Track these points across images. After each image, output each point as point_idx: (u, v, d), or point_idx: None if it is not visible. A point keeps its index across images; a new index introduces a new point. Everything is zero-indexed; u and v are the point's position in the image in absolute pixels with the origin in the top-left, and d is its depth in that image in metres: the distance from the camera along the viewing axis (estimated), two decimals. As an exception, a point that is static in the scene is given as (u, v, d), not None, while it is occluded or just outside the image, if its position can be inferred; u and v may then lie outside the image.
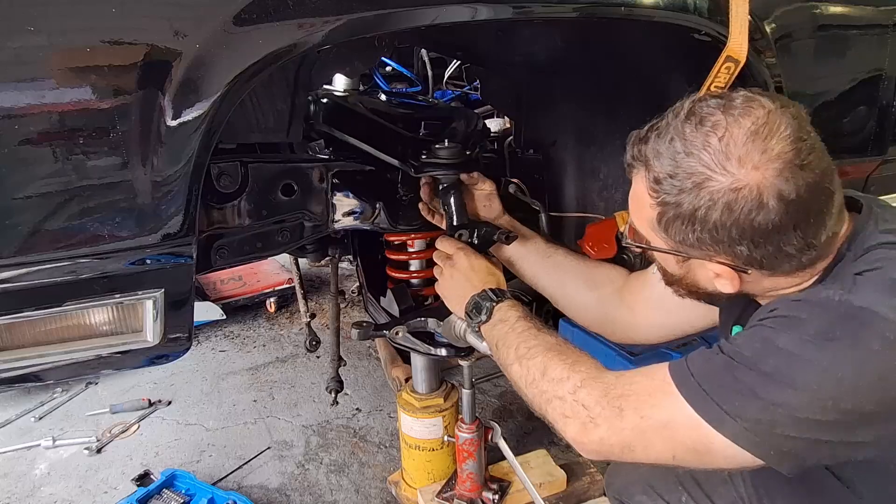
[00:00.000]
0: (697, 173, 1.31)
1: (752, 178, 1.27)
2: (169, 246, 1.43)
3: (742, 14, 1.83)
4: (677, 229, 1.37)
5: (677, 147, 1.34)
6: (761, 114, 1.31)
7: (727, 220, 1.30)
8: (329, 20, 1.39)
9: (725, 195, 1.29)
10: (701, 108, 1.35)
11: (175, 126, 1.35)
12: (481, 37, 2.25)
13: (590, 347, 3.65)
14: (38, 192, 1.31)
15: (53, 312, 1.40)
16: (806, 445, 1.27)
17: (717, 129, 1.31)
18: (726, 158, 1.29)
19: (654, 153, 1.37)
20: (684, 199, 1.33)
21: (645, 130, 1.43)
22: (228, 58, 1.35)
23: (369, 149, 2.11)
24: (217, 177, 1.79)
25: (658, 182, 1.36)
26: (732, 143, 1.29)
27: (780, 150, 1.27)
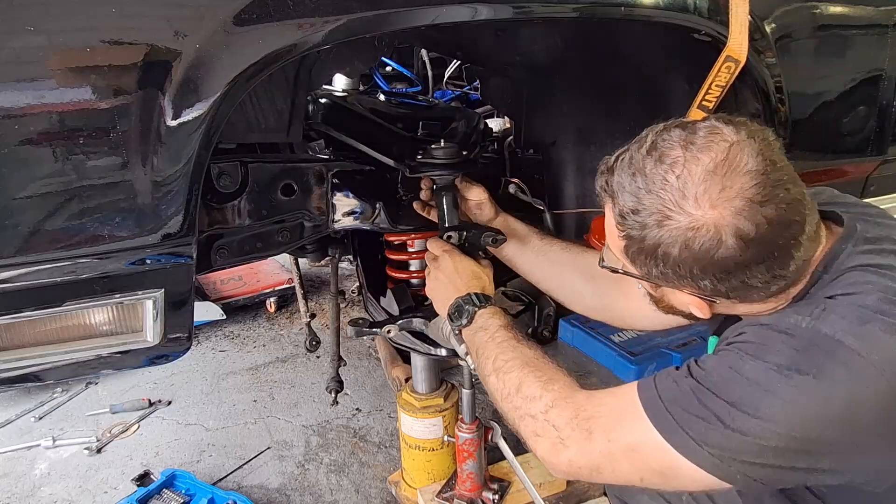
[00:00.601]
0: (657, 211, 1.31)
1: (709, 218, 1.27)
2: (169, 246, 1.43)
3: (742, 14, 1.83)
4: (642, 262, 1.38)
5: (639, 183, 1.33)
6: (722, 148, 1.28)
7: (687, 257, 1.30)
8: (329, 20, 1.39)
9: (683, 234, 1.29)
10: (663, 141, 1.34)
11: (175, 126, 1.35)
12: (481, 37, 2.25)
13: (590, 347, 3.67)
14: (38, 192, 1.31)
15: (53, 312, 1.40)
16: (772, 472, 1.28)
17: (675, 167, 1.30)
18: (683, 197, 1.28)
19: (619, 187, 1.37)
20: (647, 234, 1.33)
21: (612, 160, 1.43)
22: (228, 58, 1.35)
23: (366, 149, 2.12)
24: (217, 177, 1.79)
25: (623, 217, 1.37)
26: (690, 182, 1.28)
27: (739, 187, 1.25)
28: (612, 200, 1.40)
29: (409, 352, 2.39)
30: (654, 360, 3.45)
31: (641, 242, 1.34)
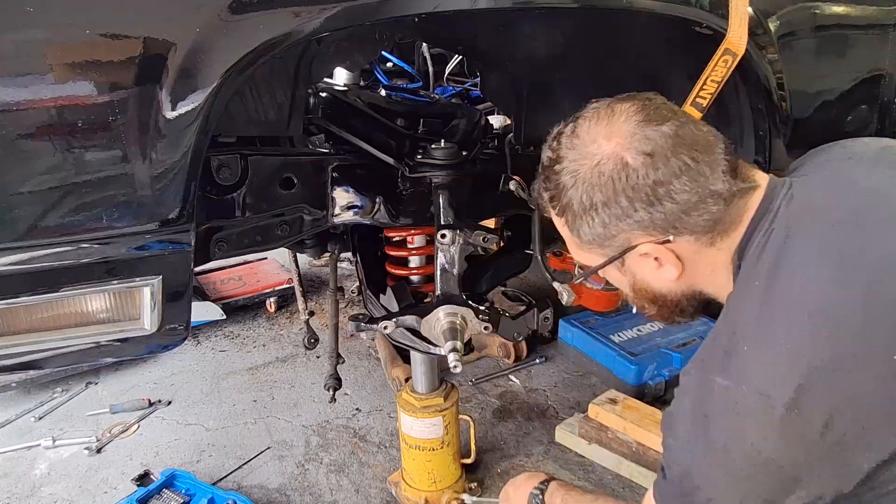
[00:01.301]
0: (571, 171, 1.41)
1: (606, 149, 1.37)
2: (167, 233, 1.43)
3: (742, 7, 1.83)
4: (584, 228, 1.45)
5: (551, 161, 1.47)
6: (602, 105, 1.45)
7: (609, 193, 1.37)
8: (325, 7, 1.39)
9: (593, 174, 1.38)
10: (562, 127, 1.50)
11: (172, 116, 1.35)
12: (482, 31, 2.25)
13: (590, 347, 3.67)
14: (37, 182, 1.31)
15: (50, 298, 1.40)
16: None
17: (570, 131, 1.45)
18: (583, 146, 1.40)
19: (544, 179, 1.51)
20: (570, 195, 1.42)
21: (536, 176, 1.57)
22: (224, 47, 1.35)
23: (365, 146, 2.12)
24: (217, 169, 1.79)
25: (553, 199, 1.48)
26: (583, 132, 1.42)
27: (624, 118, 1.38)
28: (545, 195, 1.51)
29: (408, 351, 2.39)
30: (654, 360, 3.45)
31: (571, 207, 1.43)
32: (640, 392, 3.34)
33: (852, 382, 1.22)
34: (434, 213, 2.13)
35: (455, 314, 2.11)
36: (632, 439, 2.89)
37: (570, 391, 3.56)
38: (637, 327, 3.76)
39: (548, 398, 3.51)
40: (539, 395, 3.54)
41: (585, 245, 1.49)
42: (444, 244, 2.09)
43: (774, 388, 1.24)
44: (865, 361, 1.22)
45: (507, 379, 3.69)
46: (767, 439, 1.27)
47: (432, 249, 2.14)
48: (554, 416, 3.34)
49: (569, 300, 2.17)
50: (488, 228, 2.06)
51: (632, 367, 3.38)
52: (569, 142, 1.43)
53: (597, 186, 1.37)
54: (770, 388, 1.25)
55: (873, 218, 1.35)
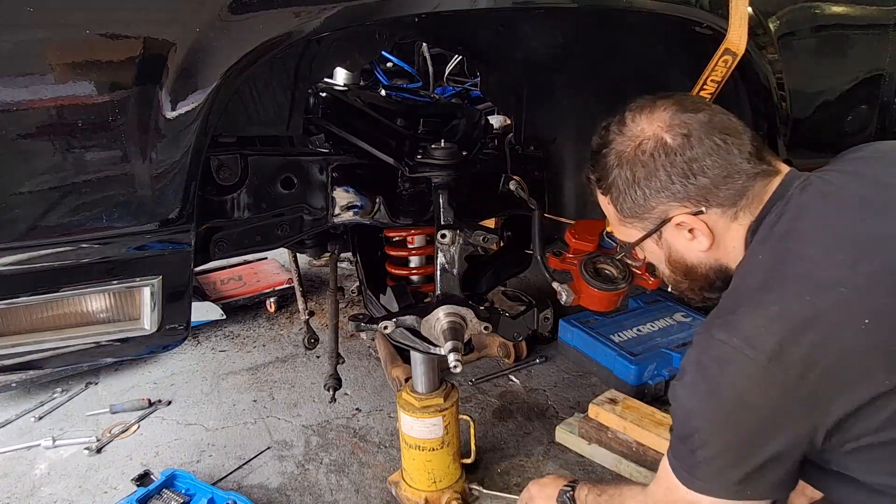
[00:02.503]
0: (615, 153, 1.67)
1: (648, 132, 1.62)
2: (167, 232, 1.43)
3: (742, 6, 1.83)
4: (627, 203, 1.69)
5: (601, 150, 1.72)
6: (646, 100, 1.67)
7: (650, 168, 1.61)
8: (325, 7, 1.39)
9: (637, 152, 1.63)
10: (608, 121, 1.73)
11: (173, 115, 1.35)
12: (482, 31, 2.25)
13: (590, 347, 3.67)
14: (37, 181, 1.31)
15: (50, 298, 1.40)
16: (755, 474, 1.50)
17: (616, 124, 1.69)
18: (626, 132, 1.65)
19: (593, 165, 1.76)
20: (616, 174, 1.67)
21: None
22: (224, 47, 1.36)
23: (365, 145, 2.12)
24: (217, 169, 1.79)
25: (599, 179, 1.74)
26: (627, 121, 1.66)
27: (664, 107, 1.63)
28: (592, 177, 1.78)
29: (408, 351, 2.39)
30: (654, 359, 3.44)
31: (616, 184, 1.68)
32: (640, 392, 3.34)
33: (828, 340, 1.40)
34: (434, 213, 2.14)
35: (455, 314, 2.11)
36: (631, 439, 2.88)
37: (570, 391, 3.56)
38: (637, 327, 3.76)
39: (548, 398, 3.51)
40: (539, 395, 3.53)
41: (627, 220, 1.73)
42: (444, 244, 2.10)
43: (760, 341, 1.42)
44: (841, 324, 1.41)
45: (507, 379, 3.68)
46: (752, 386, 1.44)
47: (432, 249, 2.15)
48: (554, 416, 3.34)
49: (568, 300, 2.17)
50: (488, 228, 2.08)
51: (632, 367, 3.38)
52: (616, 128, 1.67)
53: (639, 163, 1.62)
54: (757, 341, 1.42)
55: (875, 204, 1.55)
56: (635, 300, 4.02)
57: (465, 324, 2.13)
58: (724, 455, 1.52)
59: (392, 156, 2.18)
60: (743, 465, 1.49)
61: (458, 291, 2.15)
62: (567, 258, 2.24)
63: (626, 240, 1.81)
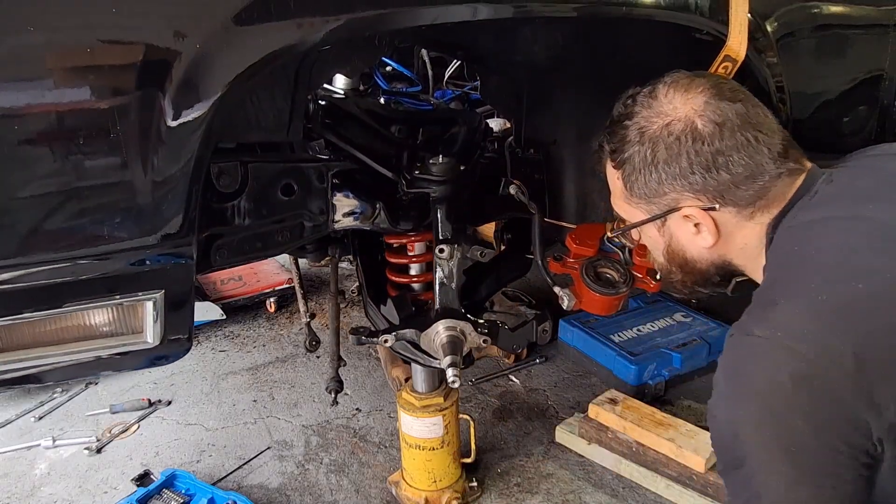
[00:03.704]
0: (640, 124, 1.55)
1: (680, 112, 1.51)
2: (169, 246, 1.43)
3: (742, 12, 1.83)
4: (639, 183, 1.59)
5: (622, 119, 1.60)
6: (682, 75, 1.58)
7: (671, 152, 1.51)
8: (329, 19, 1.40)
9: (663, 132, 1.52)
10: (635, 91, 1.62)
11: (175, 126, 1.35)
12: (482, 36, 2.25)
13: (590, 347, 3.67)
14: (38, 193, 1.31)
15: (53, 314, 1.40)
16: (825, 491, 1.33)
17: (646, 94, 1.58)
18: (658, 105, 1.54)
19: (609, 133, 1.64)
20: (634, 150, 1.56)
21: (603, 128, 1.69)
22: (229, 57, 1.35)
23: (364, 158, 2.13)
24: (217, 176, 1.78)
25: (614, 151, 1.62)
26: (660, 94, 1.56)
27: (701, 89, 1.52)
28: (606, 145, 1.66)
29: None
30: (654, 360, 3.45)
31: (632, 161, 1.57)
32: (640, 392, 3.34)
33: (885, 327, 1.29)
34: (433, 226, 2.15)
35: (454, 328, 2.13)
36: (631, 439, 2.89)
37: (570, 391, 3.56)
38: (637, 327, 3.76)
39: (548, 398, 3.51)
40: (539, 395, 3.54)
41: (634, 199, 1.63)
42: (442, 258, 2.11)
43: (806, 332, 1.30)
44: (888, 309, 1.30)
45: (507, 379, 3.69)
46: (802, 384, 1.29)
47: (432, 256, 2.15)
48: (554, 416, 3.34)
49: (569, 305, 2.18)
50: (485, 243, 2.11)
51: (632, 367, 3.38)
52: (645, 101, 1.56)
53: (662, 144, 1.52)
54: (802, 332, 1.30)
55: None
56: (635, 300, 4.02)
57: (465, 337, 2.15)
58: (782, 472, 1.33)
59: (390, 169, 2.19)
60: (806, 481, 1.33)
61: (457, 305, 2.17)
62: (568, 262, 2.25)
63: (626, 218, 1.73)
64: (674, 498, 2.76)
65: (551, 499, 2.84)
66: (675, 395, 3.46)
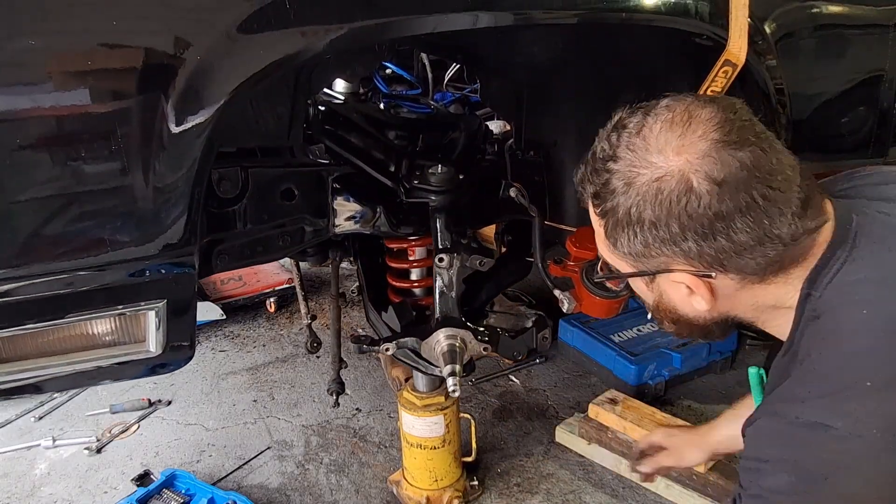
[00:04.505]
0: (624, 173, 1.26)
1: (673, 165, 1.22)
2: (171, 256, 1.43)
3: (742, 17, 1.83)
4: (622, 239, 1.32)
5: (605, 155, 1.30)
6: (681, 106, 1.27)
7: (660, 213, 1.24)
8: (331, 29, 1.40)
9: (650, 188, 1.23)
10: (624, 118, 1.32)
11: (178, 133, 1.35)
12: (481, 40, 2.25)
13: (590, 347, 3.67)
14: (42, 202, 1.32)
15: (55, 325, 1.40)
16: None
17: (636, 128, 1.27)
18: (646, 151, 1.24)
19: (592, 170, 1.34)
20: (619, 202, 1.27)
21: (583, 160, 1.39)
22: (232, 66, 1.36)
23: (363, 165, 2.14)
24: (217, 182, 1.79)
25: (597, 196, 1.33)
26: (651, 136, 1.25)
27: (702, 131, 1.22)
28: (588, 186, 1.36)
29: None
30: (654, 360, 3.45)
31: (615, 213, 1.29)
32: (640, 392, 3.34)
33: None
34: (432, 235, 2.16)
35: (455, 336, 2.15)
36: (631, 439, 2.89)
37: (570, 391, 3.57)
38: (637, 327, 3.75)
39: (548, 398, 3.52)
40: (539, 395, 3.54)
41: (616, 251, 1.36)
42: (441, 267, 2.12)
43: (868, 416, 1.20)
44: None
45: (507, 379, 3.69)
46: (876, 470, 1.21)
47: (432, 261, 2.16)
48: (554, 416, 3.35)
49: (570, 308, 2.18)
50: (485, 251, 2.10)
51: (632, 367, 3.38)
52: (631, 140, 1.26)
53: (650, 202, 1.24)
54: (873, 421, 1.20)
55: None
56: (635, 300, 4.01)
57: (465, 346, 2.16)
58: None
59: (389, 177, 2.20)
60: None
61: (457, 313, 2.18)
62: (568, 265, 2.25)
63: (611, 264, 1.45)
64: (674, 498, 2.76)
65: (551, 499, 2.85)
66: (675, 396, 3.46)
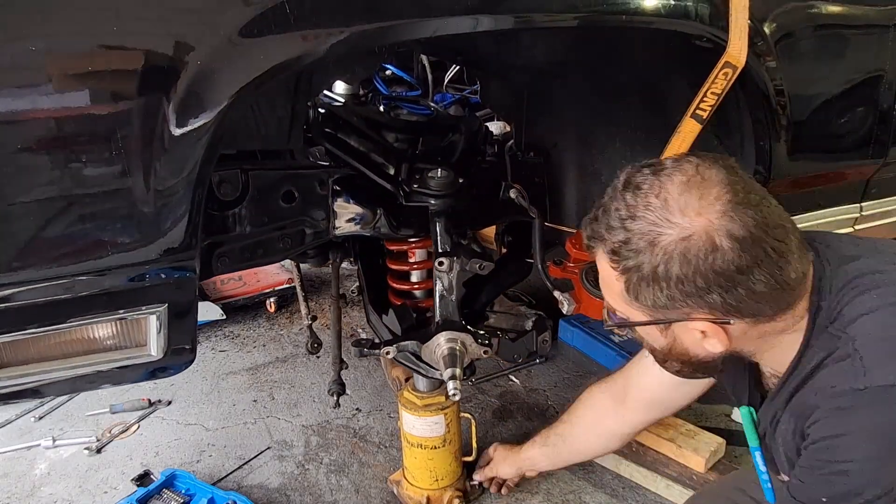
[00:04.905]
0: (647, 233, 1.35)
1: (697, 225, 1.32)
2: (172, 260, 1.44)
3: (742, 19, 1.83)
4: (646, 294, 1.40)
5: (622, 214, 1.38)
6: (690, 167, 1.37)
7: (687, 270, 1.33)
8: (333, 33, 1.40)
9: (677, 246, 1.33)
10: (635, 177, 1.40)
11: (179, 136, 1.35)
12: (481, 42, 2.25)
13: (590, 347, 3.67)
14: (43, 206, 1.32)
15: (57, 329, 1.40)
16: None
17: (653, 190, 1.36)
18: (668, 212, 1.33)
19: (606, 227, 1.41)
20: (643, 260, 1.36)
21: (593, 211, 1.47)
22: (234, 69, 1.37)
23: (363, 168, 2.14)
24: (218, 185, 1.79)
25: (615, 252, 1.40)
26: (670, 197, 1.34)
27: (716, 193, 1.33)
28: (602, 242, 1.43)
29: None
30: (654, 358, 3.45)
31: (639, 270, 1.37)
32: (639, 392, 3.34)
33: None
34: (432, 239, 2.17)
35: (455, 340, 2.16)
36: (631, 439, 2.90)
37: (570, 391, 3.55)
38: (637, 327, 3.74)
39: (548, 398, 3.52)
40: (539, 395, 3.54)
41: (633, 302, 1.45)
42: (441, 271, 2.12)
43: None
44: None
45: (507, 379, 3.68)
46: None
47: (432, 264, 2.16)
48: (554, 416, 3.31)
49: (569, 309, 2.19)
50: (484, 256, 2.11)
51: (631, 366, 3.38)
52: (649, 201, 1.36)
53: (678, 261, 1.33)
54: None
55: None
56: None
57: (465, 349, 2.16)
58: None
59: (388, 181, 2.20)
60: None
61: (457, 317, 2.19)
62: (568, 267, 2.26)
63: (624, 315, 1.53)
64: (674, 498, 2.76)
65: (551, 499, 2.85)
66: (675, 395, 3.45)
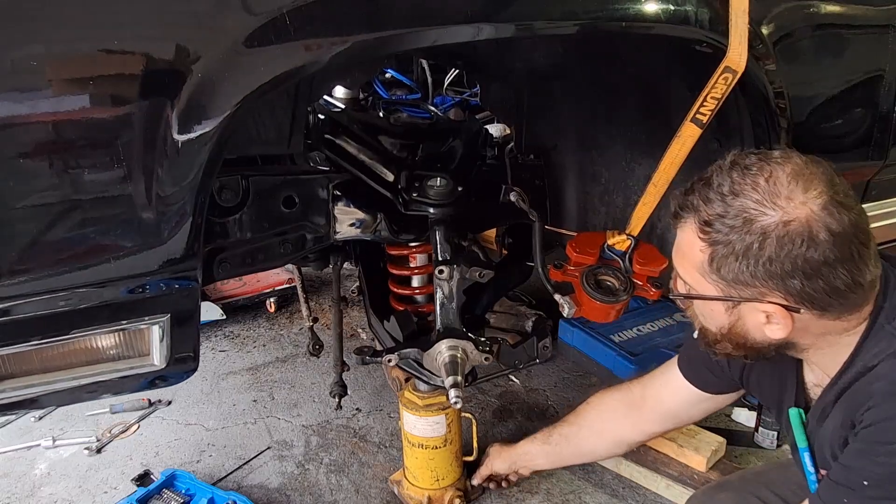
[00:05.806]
0: (747, 210, 1.42)
1: (801, 213, 1.38)
2: (175, 270, 1.44)
3: (742, 24, 1.83)
4: (730, 268, 1.45)
5: (725, 190, 1.45)
6: (798, 161, 1.44)
7: (780, 252, 1.39)
8: (336, 42, 1.41)
9: (777, 229, 1.39)
10: (742, 159, 1.48)
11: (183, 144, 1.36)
12: (481, 46, 2.25)
13: (590, 347, 3.67)
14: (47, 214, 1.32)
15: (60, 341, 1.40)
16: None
17: (762, 172, 1.43)
18: (775, 195, 1.40)
19: (703, 199, 1.48)
20: (735, 236, 1.43)
21: (690, 183, 1.54)
22: (238, 78, 1.37)
23: (362, 176, 2.14)
24: (218, 190, 1.79)
25: (709, 224, 1.46)
26: (778, 183, 1.41)
27: (822, 188, 1.40)
28: (695, 213, 1.50)
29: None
30: (654, 359, 3.41)
31: (730, 245, 1.44)
32: (639, 392, 3.34)
33: None
34: (431, 247, 2.17)
35: (456, 348, 2.16)
36: (631, 439, 2.90)
37: (570, 391, 3.57)
38: (637, 327, 3.76)
39: (548, 398, 3.52)
40: (539, 395, 3.55)
41: (711, 276, 1.50)
42: (442, 279, 2.13)
43: None
44: None
45: (507, 379, 3.68)
46: None
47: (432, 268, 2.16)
48: (554, 416, 3.34)
49: (570, 313, 2.19)
50: (484, 264, 2.12)
51: (632, 367, 3.38)
52: (756, 182, 1.43)
53: (774, 242, 1.40)
54: None
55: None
56: (636, 300, 4.00)
57: (467, 356, 2.17)
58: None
59: (388, 189, 2.20)
60: None
61: (458, 324, 2.19)
62: (568, 270, 2.25)
63: (693, 287, 1.58)
64: (674, 498, 2.77)
65: (551, 499, 2.85)
66: (675, 395, 3.45)
